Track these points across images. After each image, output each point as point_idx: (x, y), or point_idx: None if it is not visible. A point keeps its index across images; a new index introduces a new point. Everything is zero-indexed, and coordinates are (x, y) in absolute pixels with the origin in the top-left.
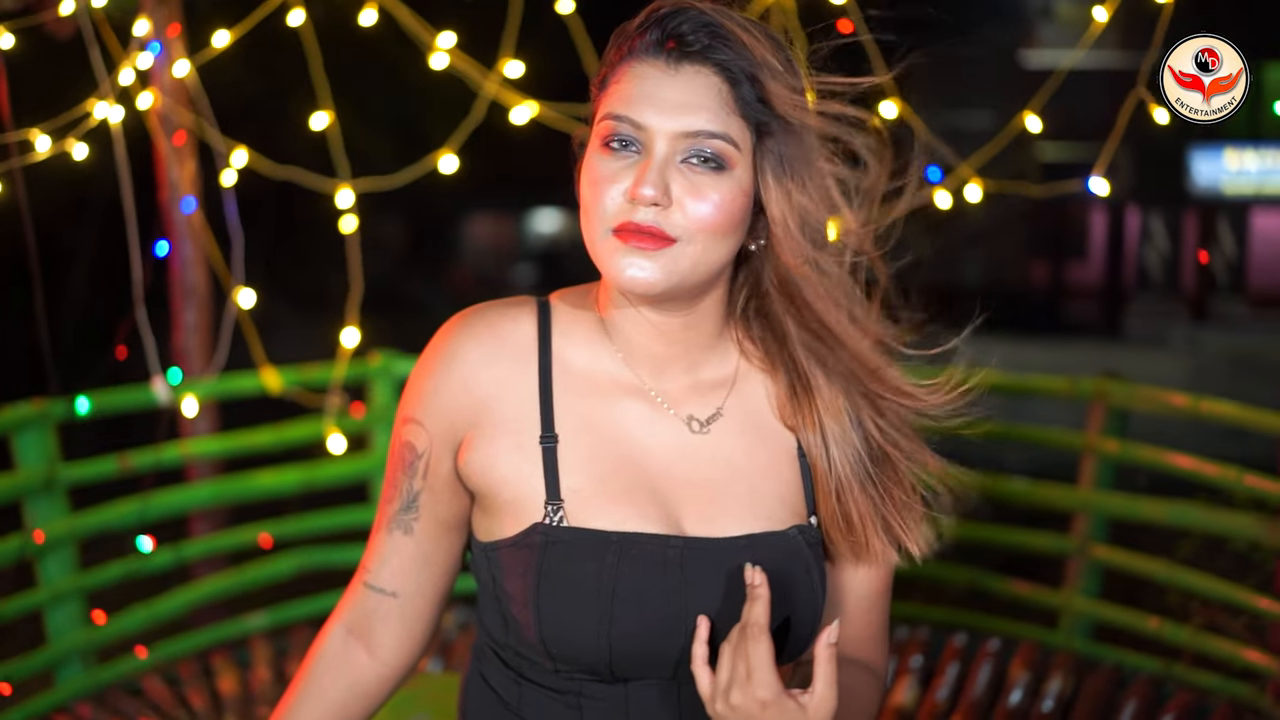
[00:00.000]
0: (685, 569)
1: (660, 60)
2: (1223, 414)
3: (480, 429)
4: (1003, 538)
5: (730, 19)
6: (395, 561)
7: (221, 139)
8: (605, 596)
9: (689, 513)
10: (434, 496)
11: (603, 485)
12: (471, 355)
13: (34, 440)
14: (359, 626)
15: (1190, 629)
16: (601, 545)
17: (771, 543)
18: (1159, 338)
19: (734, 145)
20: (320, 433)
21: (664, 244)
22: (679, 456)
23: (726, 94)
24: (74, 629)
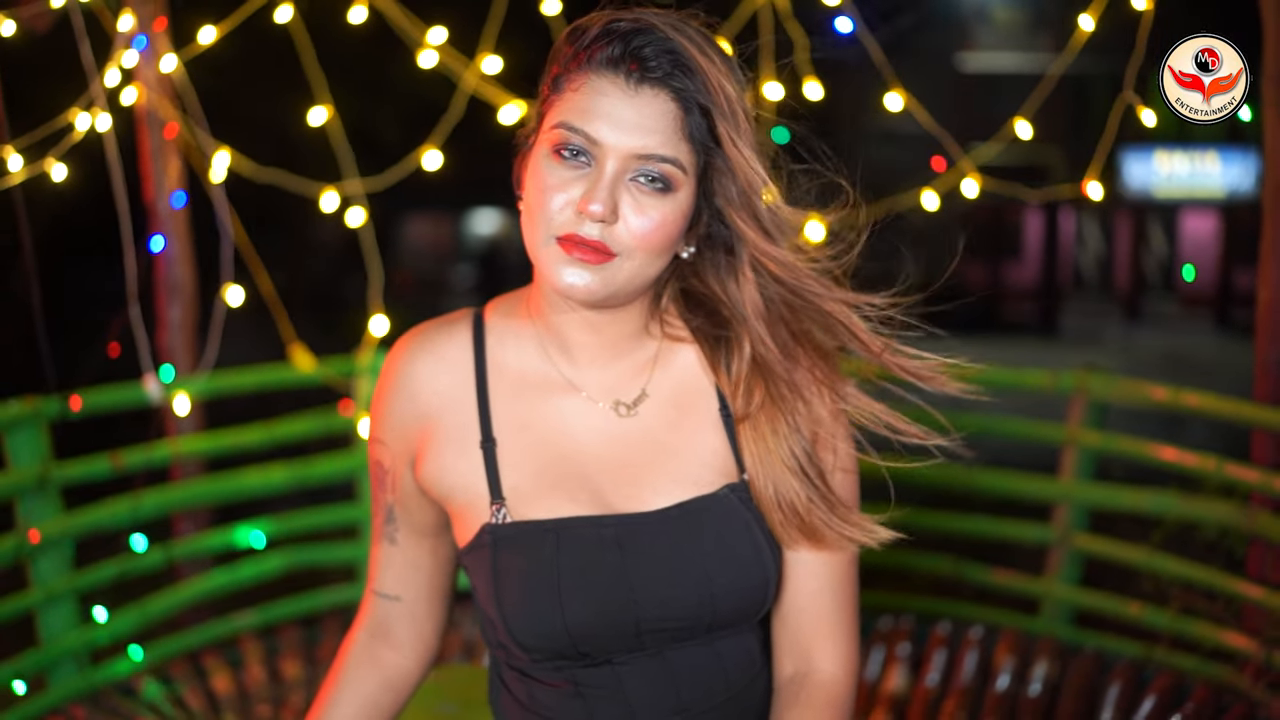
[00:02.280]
0: (622, 545)
1: (620, 78)
2: (1200, 405)
3: (430, 441)
4: (985, 528)
5: (691, 42)
6: (391, 570)
7: (208, 137)
8: (552, 582)
9: (619, 492)
10: (405, 507)
11: (539, 479)
12: (416, 375)
13: (27, 439)
14: (379, 629)
15: (1169, 613)
16: (541, 535)
17: (704, 506)
18: (1094, 336)
19: (681, 169)
20: (309, 430)
21: (606, 258)
22: (608, 441)
23: (680, 120)
24: (68, 629)
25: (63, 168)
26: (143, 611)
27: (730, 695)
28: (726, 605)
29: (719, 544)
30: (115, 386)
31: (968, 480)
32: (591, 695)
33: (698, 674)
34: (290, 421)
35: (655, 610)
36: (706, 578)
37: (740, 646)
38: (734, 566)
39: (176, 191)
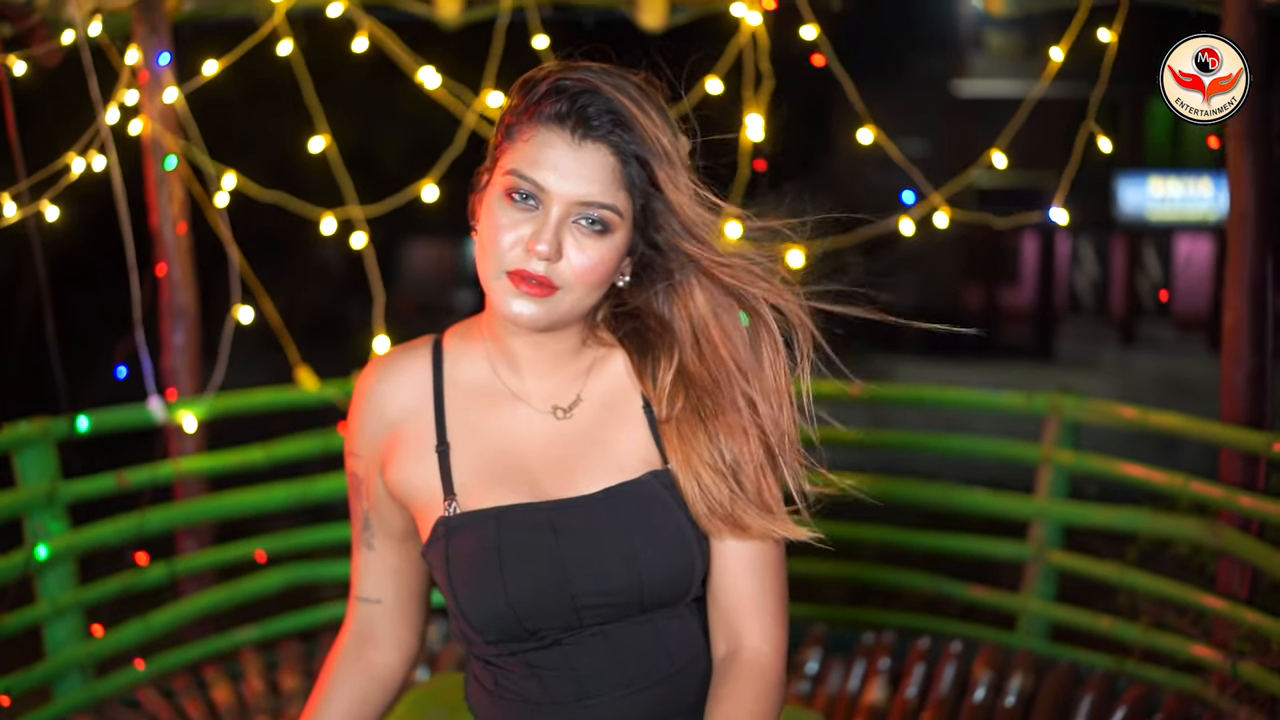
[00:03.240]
0: (556, 527)
1: (565, 133)
2: (1168, 425)
3: (395, 449)
4: (963, 545)
5: (630, 100)
6: (371, 575)
7: (212, 163)
8: (495, 563)
9: (552, 482)
10: (378, 513)
11: (485, 476)
12: (382, 392)
13: (36, 457)
14: (363, 631)
15: (1140, 627)
16: (484, 521)
17: (628, 490)
18: (1090, 360)
19: (618, 214)
20: (308, 450)
21: (550, 291)
22: (546, 441)
23: (618, 171)
24: (73, 642)
25: (55, 210)
26: (146, 625)
27: (673, 671)
28: (654, 582)
29: (643, 524)
30: (121, 408)
31: (946, 499)
32: (545, 675)
33: (641, 651)
34: (290, 442)
35: (587, 585)
36: (632, 554)
37: (681, 626)
38: (658, 544)
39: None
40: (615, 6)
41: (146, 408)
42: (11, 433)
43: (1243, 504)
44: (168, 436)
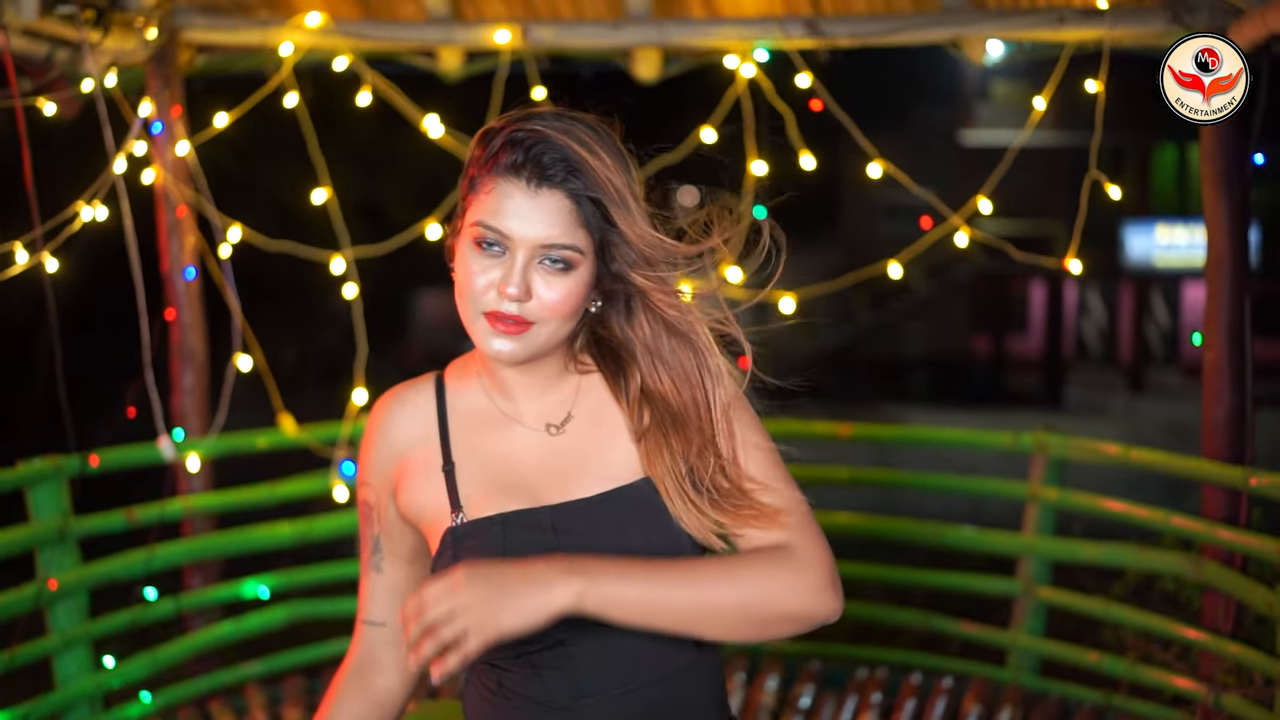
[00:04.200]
0: (556, 528)
1: (522, 182)
2: (1150, 461)
3: (404, 474)
4: (953, 582)
5: (581, 144)
6: (378, 599)
7: (219, 214)
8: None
9: (550, 490)
10: (389, 537)
11: (488, 487)
12: (390, 423)
13: (48, 494)
14: (367, 656)
15: (1127, 661)
16: (490, 526)
17: (621, 494)
18: (1098, 407)
19: (579, 251)
20: (312, 490)
21: (524, 328)
22: (542, 455)
23: (574, 212)
24: (82, 674)
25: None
26: (153, 659)
27: (666, 675)
28: None
29: (637, 524)
30: (131, 446)
31: (937, 536)
32: (547, 674)
33: (636, 651)
34: (295, 481)
35: None
36: (628, 552)
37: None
38: (650, 544)
39: (188, 266)
40: (611, 59)
41: (156, 447)
42: (25, 469)
43: (1223, 537)
44: (176, 475)
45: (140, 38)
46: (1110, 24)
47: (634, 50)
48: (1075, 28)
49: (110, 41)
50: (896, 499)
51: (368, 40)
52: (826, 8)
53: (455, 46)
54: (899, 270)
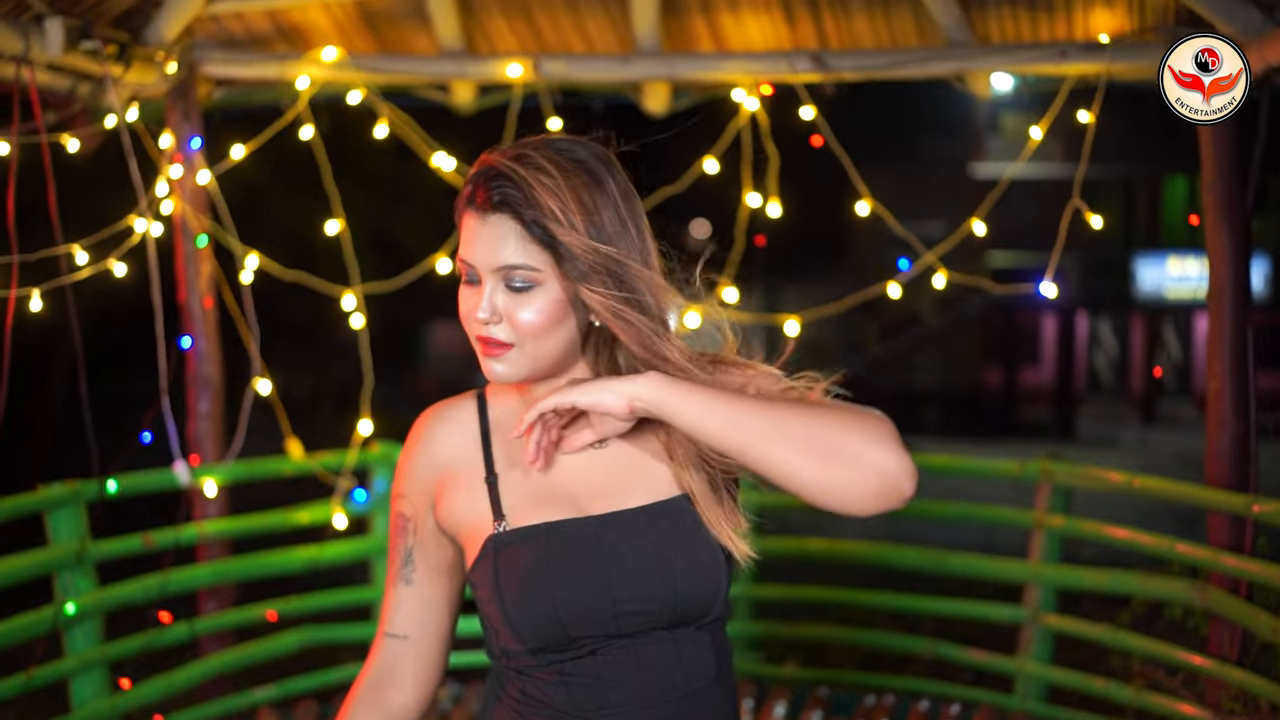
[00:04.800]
0: (600, 538)
1: (476, 212)
2: (1154, 489)
3: (445, 486)
4: (960, 610)
5: (525, 166)
6: (403, 609)
7: (238, 243)
8: (545, 572)
9: (594, 501)
10: (424, 548)
11: (532, 497)
12: (431, 437)
13: (66, 518)
14: (384, 670)
15: (1133, 688)
16: (534, 535)
17: (663, 508)
18: (1110, 439)
19: (535, 269)
20: (325, 516)
21: (505, 349)
22: (584, 467)
23: (521, 232)
24: (98, 697)
25: (122, 266)
26: (168, 682)
27: (687, 693)
28: (687, 593)
29: (678, 538)
30: (148, 472)
31: (942, 564)
32: (574, 684)
33: (662, 669)
34: (309, 508)
35: (629, 592)
36: (669, 565)
37: (698, 651)
38: (691, 558)
39: (206, 295)
40: (622, 92)
41: (172, 472)
42: (44, 494)
43: (1228, 565)
44: (192, 500)
45: (161, 72)
46: (1111, 58)
47: (644, 84)
48: (1077, 62)
49: (132, 75)
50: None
51: (382, 74)
52: (833, 42)
53: (468, 80)
54: (898, 290)
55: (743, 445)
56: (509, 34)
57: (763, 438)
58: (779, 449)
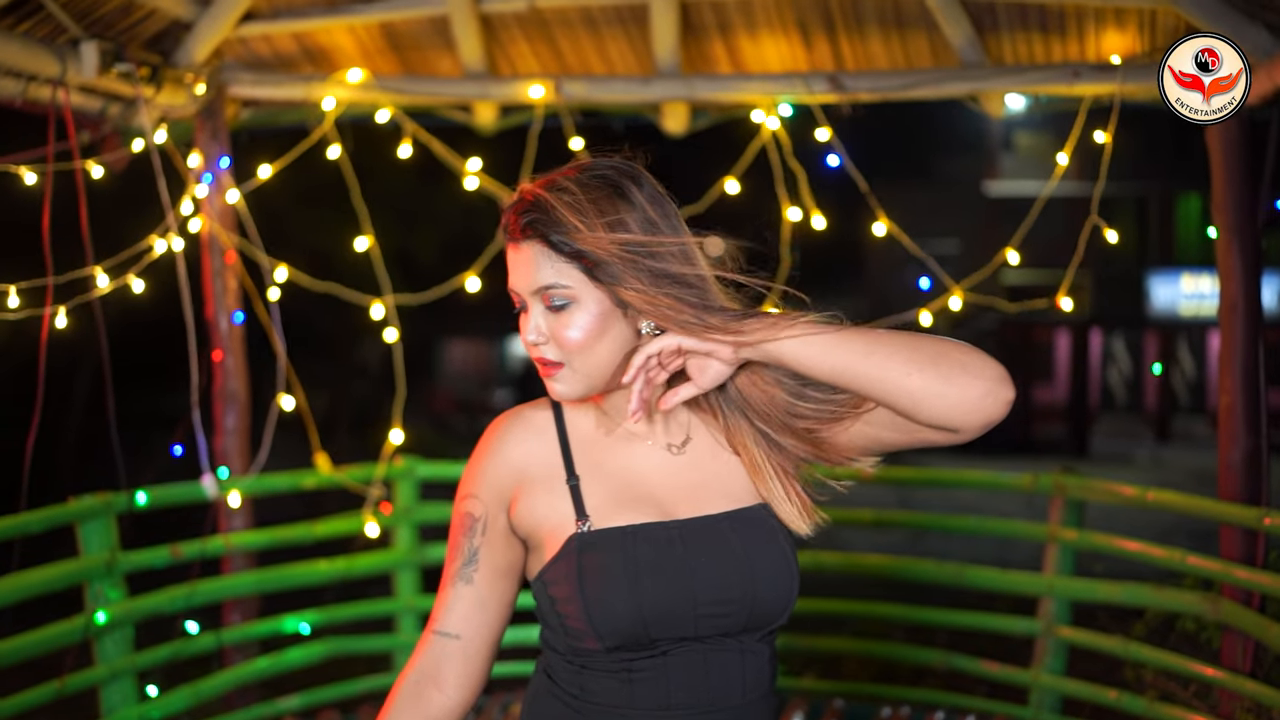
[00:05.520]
0: (685, 542)
1: (511, 241)
2: (1165, 502)
3: (523, 488)
4: (975, 622)
5: (549, 191)
6: (458, 608)
7: (266, 258)
8: (632, 572)
9: (679, 505)
10: (491, 548)
11: (615, 500)
12: (507, 441)
13: (97, 529)
14: (429, 669)
15: (1147, 700)
16: (621, 537)
17: (743, 516)
18: (1125, 456)
19: (568, 286)
20: (348, 529)
21: (559, 367)
22: (666, 472)
23: (550, 252)
24: (127, 705)
25: (141, 282)
26: (195, 691)
27: (743, 704)
28: (764, 597)
29: (758, 545)
30: (176, 485)
31: (959, 577)
32: (639, 681)
33: (725, 676)
34: (333, 521)
35: (710, 595)
36: (750, 570)
37: (759, 662)
38: (770, 564)
39: (235, 310)
40: (641, 113)
41: (200, 485)
42: (76, 506)
43: (1240, 577)
44: (217, 513)
45: (190, 93)
46: (1123, 79)
47: (663, 104)
48: (1089, 82)
49: (162, 97)
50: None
51: (407, 95)
52: (849, 63)
53: (491, 101)
54: (929, 319)
55: (850, 365)
56: (530, 56)
57: (868, 356)
58: (887, 366)
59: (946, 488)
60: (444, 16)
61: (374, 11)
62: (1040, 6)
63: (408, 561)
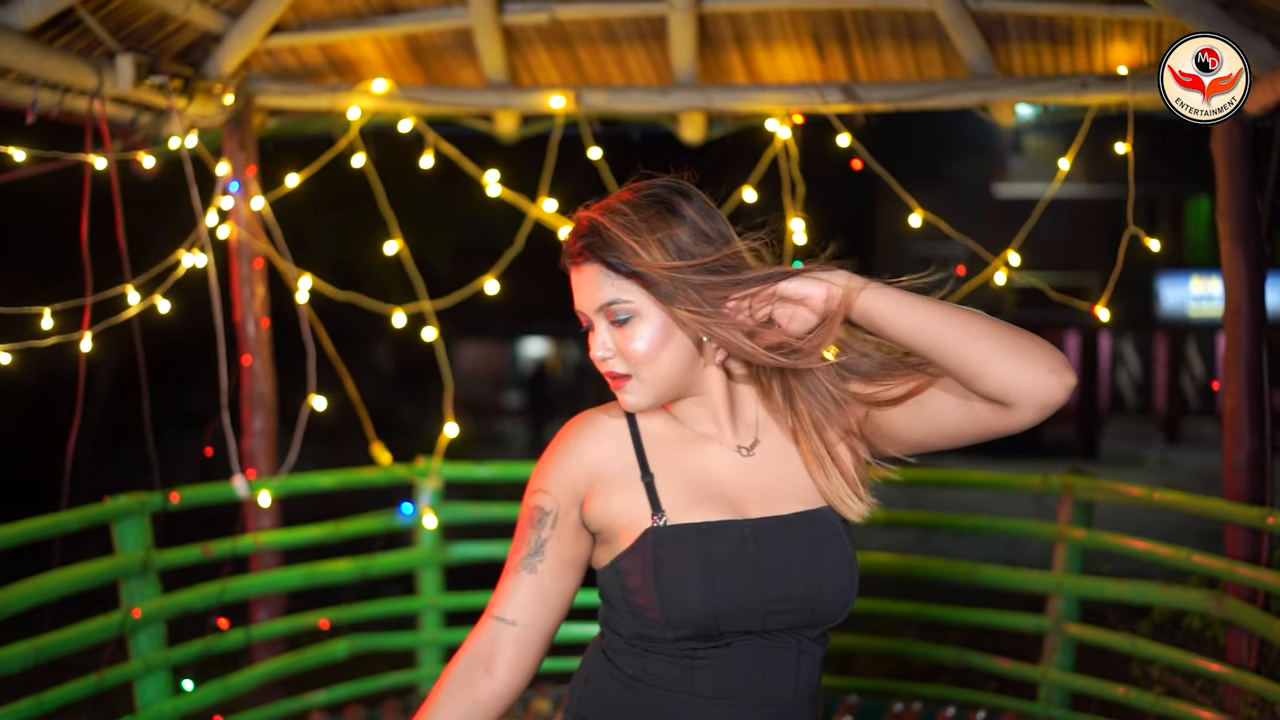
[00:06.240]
0: (757, 540)
1: (572, 265)
2: (1171, 502)
3: (597, 486)
4: (986, 619)
5: (606, 215)
6: (519, 596)
7: (292, 267)
8: (706, 568)
9: (750, 504)
10: (560, 541)
11: (689, 497)
12: (581, 443)
13: (132, 528)
14: (482, 652)
15: (1153, 695)
16: (696, 533)
17: (811, 516)
18: (1134, 458)
19: (628, 300)
20: (372, 528)
21: (626, 380)
22: (737, 473)
23: (609, 273)
24: (161, 699)
25: (165, 302)
26: (225, 685)
27: (794, 701)
28: (827, 595)
29: (824, 545)
30: (208, 485)
31: (970, 575)
32: (700, 668)
33: (781, 671)
34: (357, 521)
35: (779, 591)
36: (816, 569)
37: (813, 662)
38: (834, 564)
39: (263, 316)
40: (659, 122)
41: (231, 485)
42: (112, 505)
43: (1244, 575)
44: (246, 513)
45: (219, 103)
46: (1130, 89)
47: (680, 114)
48: (1097, 92)
49: (192, 107)
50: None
51: (430, 104)
52: (862, 74)
53: (512, 110)
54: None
55: (929, 323)
56: (551, 67)
57: (944, 318)
58: (964, 328)
59: (957, 488)
60: (467, 28)
61: (398, 24)
62: (1049, 19)
63: (430, 560)
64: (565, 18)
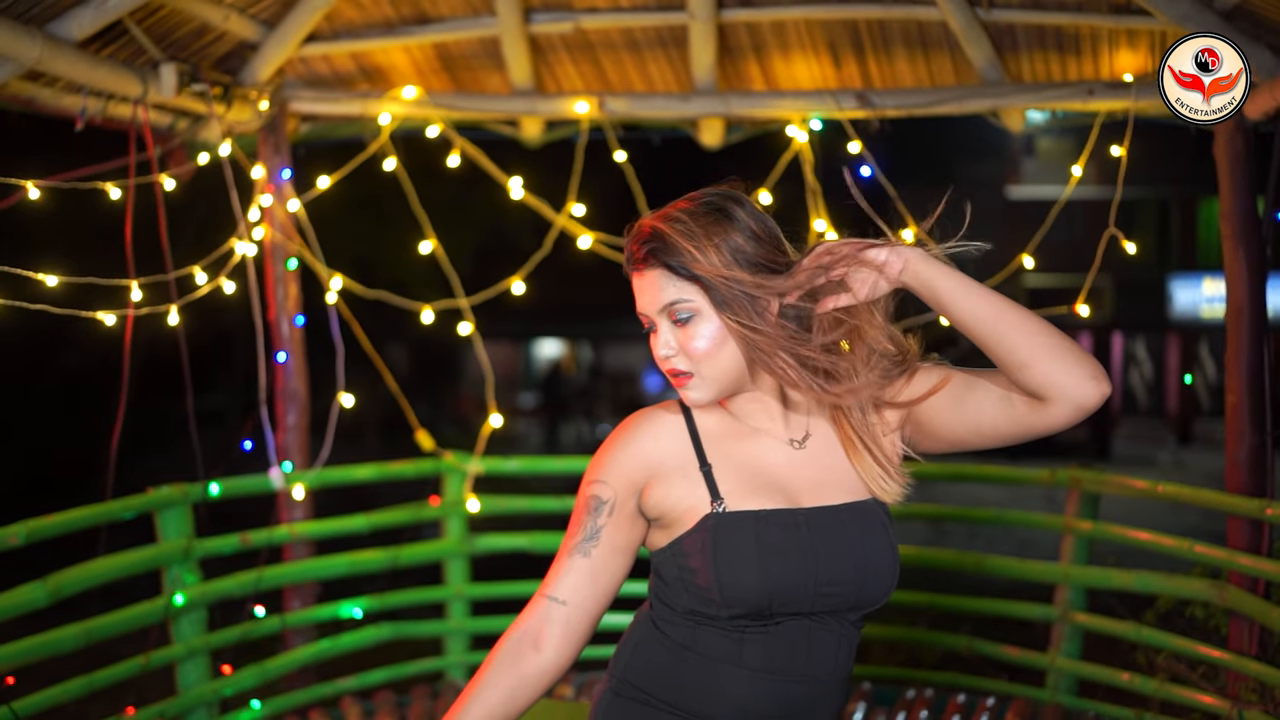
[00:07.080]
0: (811, 528)
1: (634, 270)
2: (1175, 494)
3: (657, 478)
4: (995, 608)
5: (665, 223)
6: (571, 578)
7: (324, 266)
8: (762, 553)
9: (802, 495)
10: (616, 528)
11: (746, 486)
12: (639, 437)
13: (175, 517)
14: (531, 629)
15: (1157, 681)
16: (753, 520)
17: (859, 507)
18: (1146, 459)
19: (689, 300)
20: (403, 519)
21: (689, 377)
22: (789, 464)
23: (670, 275)
24: (201, 682)
25: (231, 284)
26: (261, 670)
27: (829, 680)
28: (872, 581)
29: (871, 534)
30: (246, 477)
31: (979, 565)
32: (749, 641)
33: (823, 651)
34: (388, 512)
35: (829, 575)
36: (863, 556)
37: (850, 645)
38: (879, 552)
39: (296, 314)
40: (679, 128)
41: (268, 477)
42: (155, 495)
43: (1245, 565)
44: (280, 504)
45: (255, 109)
46: (1136, 96)
47: (700, 120)
48: (1104, 99)
49: (230, 113)
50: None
51: (458, 111)
52: (876, 81)
53: (538, 116)
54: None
55: (989, 310)
56: (575, 75)
57: (1002, 308)
58: (1019, 320)
59: (969, 481)
60: (494, 37)
61: (428, 33)
62: (1057, 28)
63: (458, 551)
64: (589, 27)
